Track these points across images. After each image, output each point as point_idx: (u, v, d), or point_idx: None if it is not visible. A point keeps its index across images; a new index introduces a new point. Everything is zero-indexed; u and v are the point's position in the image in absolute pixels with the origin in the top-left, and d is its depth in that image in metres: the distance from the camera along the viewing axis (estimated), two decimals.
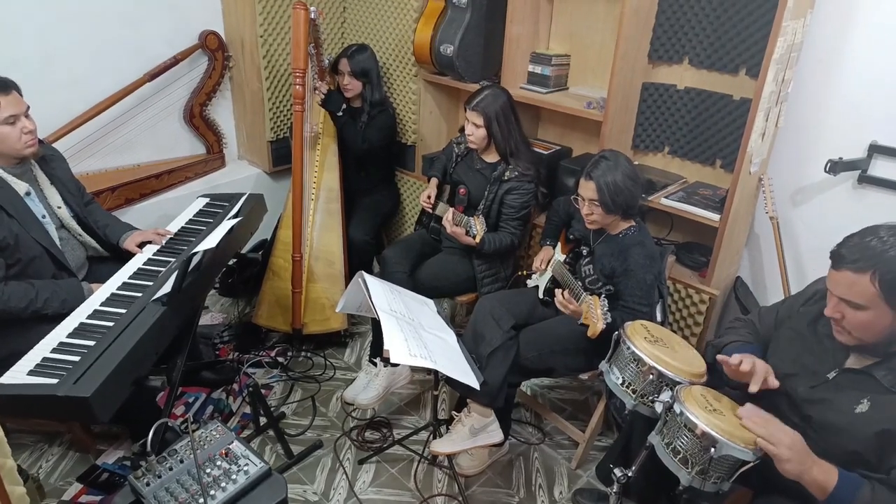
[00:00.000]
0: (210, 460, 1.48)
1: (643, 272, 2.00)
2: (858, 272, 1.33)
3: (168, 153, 3.16)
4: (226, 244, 2.01)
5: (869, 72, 2.15)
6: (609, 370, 1.72)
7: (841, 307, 1.39)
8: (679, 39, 2.40)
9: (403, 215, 3.40)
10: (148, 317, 1.75)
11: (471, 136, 2.43)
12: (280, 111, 3.21)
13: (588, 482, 2.29)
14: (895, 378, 1.37)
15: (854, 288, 1.34)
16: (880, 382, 1.39)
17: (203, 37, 3.01)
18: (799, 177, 2.39)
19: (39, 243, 1.95)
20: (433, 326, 1.97)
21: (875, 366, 1.42)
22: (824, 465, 1.32)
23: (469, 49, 2.77)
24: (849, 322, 1.39)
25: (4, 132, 1.88)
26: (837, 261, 1.38)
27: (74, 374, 1.52)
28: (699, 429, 1.40)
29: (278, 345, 2.88)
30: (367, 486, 2.22)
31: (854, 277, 1.34)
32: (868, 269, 1.32)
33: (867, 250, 1.33)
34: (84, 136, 2.78)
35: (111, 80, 2.79)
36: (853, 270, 1.34)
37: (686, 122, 2.49)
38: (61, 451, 2.27)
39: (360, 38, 3.22)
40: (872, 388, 1.40)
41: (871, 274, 1.32)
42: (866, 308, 1.34)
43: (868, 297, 1.33)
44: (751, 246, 2.59)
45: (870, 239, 1.34)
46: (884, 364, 1.40)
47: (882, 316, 1.34)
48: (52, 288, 1.90)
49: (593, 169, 2.01)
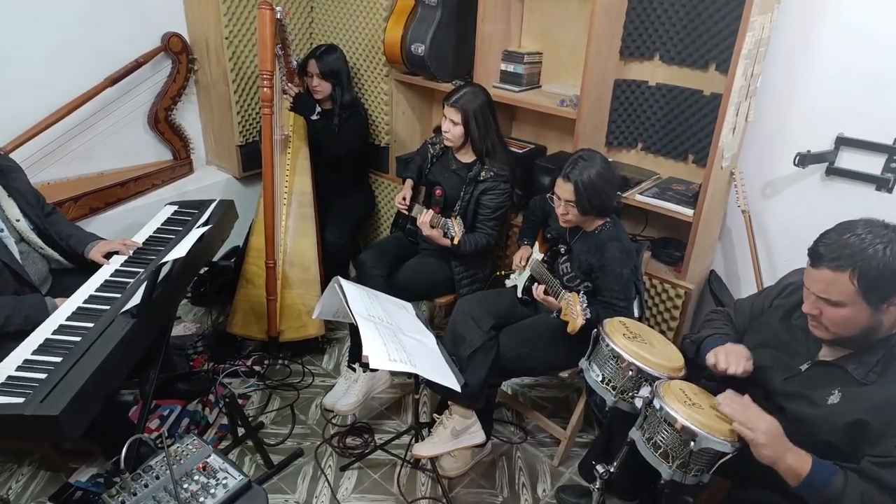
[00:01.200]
0: (187, 475, 1.45)
1: (620, 267, 2.01)
2: (837, 270, 1.34)
3: (133, 160, 3.07)
4: (196, 252, 1.96)
5: (835, 65, 2.19)
6: (589, 368, 1.73)
7: (819, 304, 1.40)
8: (650, 36, 2.42)
9: (379, 218, 3.37)
10: (117, 330, 1.70)
11: (447, 132, 2.42)
12: (248, 114, 3.15)
13: (571, 479, 2.30)
14: (866, 371, 1.40)
15: (833, 286, 1.36)
16: (851, 375, 1.42)
17: (166, 39, 2.93)
18: (769, 170, 2.43)
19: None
20: (412, 330, 1.96)
21: (846, 358, 1.44)
22: (799, 452, 1.35)
23: (441, 48, 2.76)
24: (826, 318, 1.41)
25: None
26: (816, 259, 1.39)
27: (42, 391, 1.47)
28: (679, 423, 1.42)
29: (254, 353, 2.83)
30: (350, 493, 2.19)
31: (833, 276, 1.35)
32: (847, 267, 1.33)
33: (845, 248, 1.34)
34: (43, 144, 2.68)
35: (70, 85, 2.70)
36: (832, 269, 1.35)
37: (658, 118, 2.51)
38: (31, 470, 2.19)
39: (329, 38, 3.17)
40: (844, 380, 1.43)
41: (850, 272, 1.33)
42: (845, 305, 1.36)
43: (847, 294, 1.35)
44: (724, 239, 2.62)
45: (847, 236, 1.35)
46: (855, 357, 1.43)
47: (860, 313, 1.36)
48: (12, 304, 1.83)
49: (571, 169, 2.01)
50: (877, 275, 1.31)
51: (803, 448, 1.37)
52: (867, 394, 1.38)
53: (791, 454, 1.34)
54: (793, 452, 1.34)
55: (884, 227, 1.35)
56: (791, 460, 1.33)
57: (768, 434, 1.33)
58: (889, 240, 1.32)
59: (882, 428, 1.33)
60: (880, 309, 1.35)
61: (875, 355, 1.40)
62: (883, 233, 1.34)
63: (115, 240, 2.15)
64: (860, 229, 1.36)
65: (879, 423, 1.34)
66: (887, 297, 1.33)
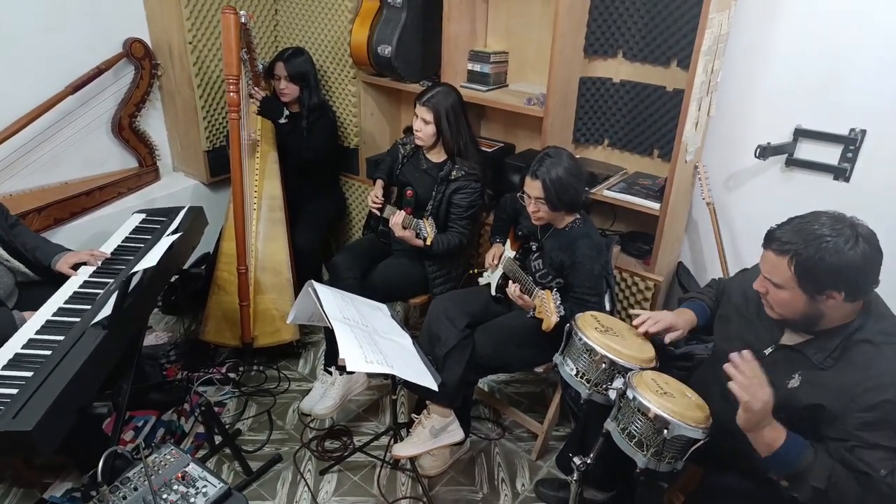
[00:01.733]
0: (166, 485, 1.44)
1: (591, 263, 2.05)
2: (779, 254, 1.42)
3: (98, 168, 3.02)
4: (167, 261, 1.94)
5: (791, 59, 2.26)
6: (563, 362, 1.76)
7: (765, 283, 1.48)
8: (612, 34, 2.46)
9: (350, 220, 3.37)
10: (88, 342, 1.68)
11: (419, 132, 2.43)
12: (215, 119, 3.11)
13: (549, 472, 2.33)
14: (824, 356, 1.45)
15: (775, 268, 1.43)
16: (810, 359, 1.47)
17: (127, 44, 2.88)
18: (731, 163, 2.49)
19: None
20: (388, 331, 1.96)
21: (807, 343, 1.50)
22: (778, 427, 1.38)
23: (407, 49, 2.77)
24: (771, 298, 1.48)
25: None
26: (766, 240, 1.46)
27: (13, 407, 1.44)
28: (652, 412, 1.46)
29: (228, 360, 2.80)
30: (331, 496, 2.19)
31: (775, 258, 1.43)
32: (787, 253, 1.40)
33: (792, 235, 1.40)
34: (3, 155, 2.62)
35: (30, 94, 2.64)
36: (775, 252, 1.43)
37: (623, 114, 2.56)
38: (4, 487, 2.14)
39: (294, 41, 3.16)
40: (804, 364, 1.48)
41: (788, 258, 1.40)
42: (783, 288, 1.43)
43: (784, 278, 1.42)
44: (690, 231, 2.68)
45: (801, 225, 1.41)
46: (814, 343, 1.48)
47: (797, 298, 1.42)
48: None
49: (538, 167, 2.04)
50: (811, 265, 1.37)
51: None
52: (825, 379, 1.43)
53: (769, 428, 1.38)
54: (771, 426, 1.38)
55: (847, 226, 1.38)
56: (767, 433, 1.37)
57: (764, 403, 1.36)
58: (838, 235, 1.35)
59: (839, 411, 1.38)
60: (816, 299, 1.40)
61: (833, 341, 1.45)
62: (838, 228, 1.37)
63: (83, 250, 2.12)
64: (817, 222, 1.40)
65: (836, 406, 1.39)
66: (822, 289, 1.38)
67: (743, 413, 1.37)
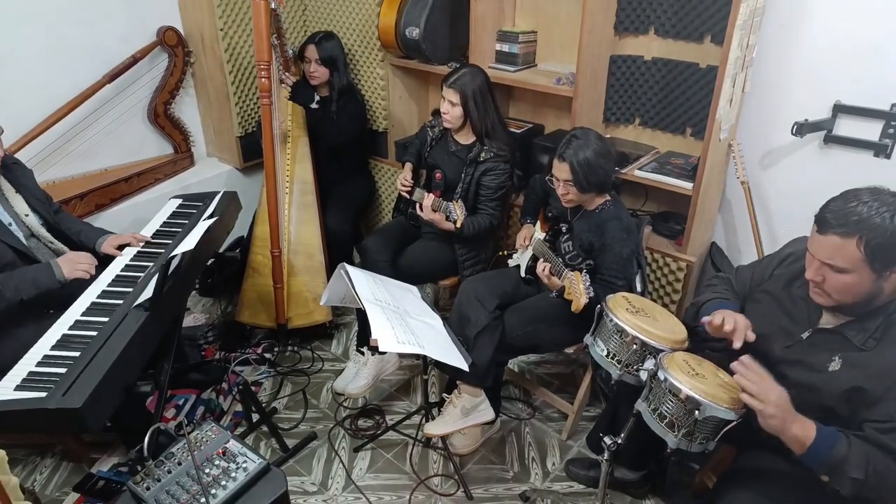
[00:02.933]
0: (208, 460, 1.49)
1: (620, 246, 2.04)
2: (845, 237, 1.36)
3: (135, 155, 3.09)
4: (204, 244, 1.99)
5: (829, 33, 2.19)
6: (594, 343, 1.76)
7: (823, 270, 1.42)
8: (644, 10, 2.41)
9: (380, 203, 3.39)
10: (131, 323, 1.74)
11: (446, 114, 2.43)
12: (247, 105, 3.16)
13: (579, 452, 2.35)
14: (865, 337, 1.42)
15: (839, 252, 1.37)
16: (851, 341, 1.44)
17: (161, 33, 2.93)
18: (767, 140, 2.44)
19: (11, 248, 1.91)
20: (419, 312, 1.99)
21: (847, 325, 1.47)
22: (804, 421, 1.36)
23: (435, 31, 2.76)
24: (829, 285, 1.43)
25: None
26: (823, 225, 1.40)
27: (63, 385, 1.51)
28: (683, 393, 1.45)
29: (264, 341, 2.88)
30: (365, 473, 2.25)
31: (840, 242, 1.37)
32: (854, 233, 1.35)
33: (852, 215, 1.36)
34: (46, 144, 2.70)
35: (69, 85, 2.71)
36: (840, 235, 1.37)
37: (655, 92, 2.52)
38: (54, 462, 2.25)
39: (323, 25, 3.17)
40: (844, 346, 1.46)
41: (857, 239, 1.35)
42: (849, 272, 1.38)
43: (853, 261, 1.36)
44: (724, 211, 2.64)
45: (854, 203, 1.37)
46: (855, 324, 1.45)
47: (863, 279, 1.38)
48: (17, 275, 1.86)
49: (565, 149, 2.02)
50: (883, 241, 1.33)
51: (805, 414, 1.39)
52: (866, 360, 1.41)
53: (797, 424, 1.35)
54: (798, 422, 1.35)
55: (891, 196, 1.37)
56: (796, 430, 1.35)
57: (777, 405, 1.34)
58: (893, 207, 1.33)
59: (881, 393, 1.36)
60: (883, 276, 1.37)
61: (874, 321, 1.43)
62: (890, 200, 1.35)
63: (125, 234, 2.19)
64: (867, 197, 1.37)
65: (878, 388, 1.36)
66: (891, 263, 1.35)
67: (762, 420, 1.36)
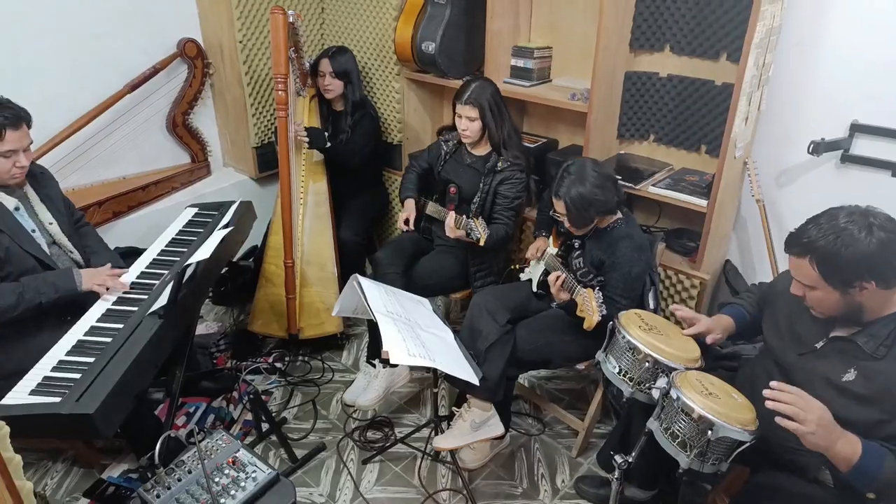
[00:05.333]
0: (218, 469, 1.50)
1: (629, 265, 2.03)
2: (799, 256, 1.42)
3: (153, 164, 3.14)
4: (218, 253, 2.01)
5: (846, 52, 2.18)
6: (605, 360, 1.75)
7: (800, 286, 1.47)
8: (660, 27, 2.42)
9: (393, 215, 3.41)
10: (145, 330, 1.76)
11: (466, 130, 2.44)
12: (263, 116, 3.20)
13: (589, 469, 2.32)
14: (876, 345, 1.42)
15: (801, 270, 1.44)
16: (864, 349, 1.44)
17: (181, 45, 2.99)
18: (783, 159, 2.42)
19: (32, 255, 1.94)
20: (430, 325, 1.99)
21: (858, 333, 1.46)
22: (849, 436, 1.33)
23: (451, 45, 2.78)
24: (809, 299, 1.48)
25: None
26: (786, 245, 1.47)
27: (77, 391, 1.53)
28: (696, 413, 1.44)
29: (275, 351, 2.89)
30: (373, 485, 2.24)
31: (797, 261, 1.44)
32: (805, 254, 1.40)
33: (804, 236, 1.41)
34: (67, 151, 2.75)
35: (91, 94, 2.76)
36: (795, 255, 1.44)
37: (670, 109, 2.52)
38: (65, 467, 2.26)
39: (340, 39, 3.21)
40: (858, 355, 1.45)
41: (808, 258, 1.40)
42: (815, 288, 1.43)
43: (813, 278, 1.41)
44: (738, 229, 2.62)
45: (811, 225, 1.42)
46: (865, 332, 1.45)
47: (829, 295, 1.42)
48: (39, 278, 1.89)
49: (559, 187, 2.02)
50: (831, 261, 1.37)
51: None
52: (881, 369, 1.40)
53: (841, 441, 1.32)
54: (844, 438, 1.32)
55: (859, 216, 1.38)
56: (841, 447, 1.32)
57: (819, 423, 1.31)
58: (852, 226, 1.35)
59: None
60: (849, 292, 1.39)
61: (885, 329, 1.42)
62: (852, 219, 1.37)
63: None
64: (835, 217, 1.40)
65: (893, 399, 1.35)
66: (850, 281, 1.37)
67: (804, 439, 1.33)
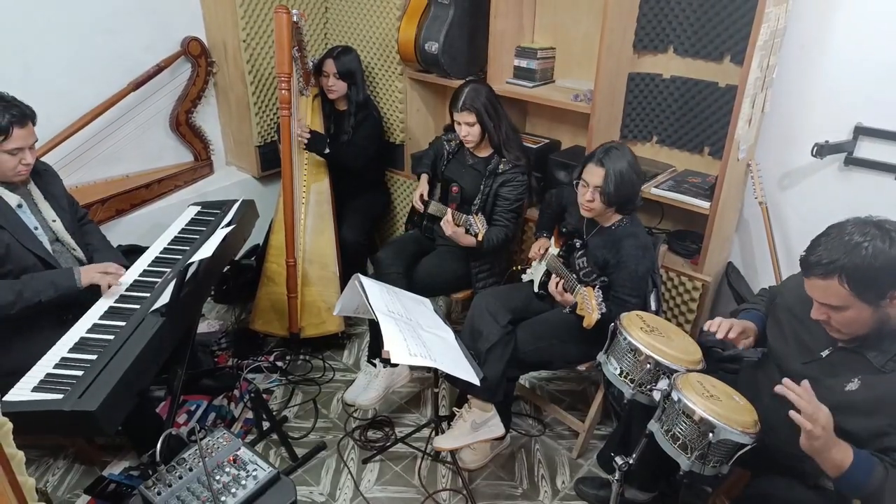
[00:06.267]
0: (219, 467, 1.50)
1: (635, 264, 2.02)
2: (826, 278, 1.37)
3: (155, 162, 3.14)
4: (221, 252, 2.01)
5: (851, 54, 2.17)
6: (607, 361, 1.75)
7: (824, 310, 1.43)
8: (663, 28, 2.42)
9: (395, 215, 3.41)
10: (147, 328, 1.76)
11: (467, 136, 2.45)
12: (266, 115, 3.20)
13: (589, 471, 2.32)
14: (885, 359, 1.40)
15: (828, 292, 1.38)
16: (871, 362, 1.42)
17: (185, 43, 2.99)
18: (786, 161, 2.42)
19: (33, 253, 1.95)
20: (431, 325, 1.99)
21: (866, 346, 1.45)
22: (842, 444, 1.34)
23: (454, 45, 2.78)
24: (835, 321, 1.43)
25: (2, 160, 1.87)
26: (806, 269, 1.42)
27: (79, 388, 1.53)
28: (697, 415, 1.44)
29: (276, 349, 2.89)
30: (373, 485, 2.24)
31: (824, 283, 1.38)
32: (834, 273, 1.36)
33: (830, 254, 1.36)
34: (71, 149, 2.76)
35: (95, 92, 2.77)
36: (821, 277, 1.38)
37: (673, 110, 2.51)
38: (67, 463, 2.27)
39: (344, 38, 3.21)
40: (863, 367, 1.44)
41: (837, 277, 1.35)
42: (847, 308, 1.38)
43: (843, 298, 1.37)
44: (741, 231, 2.62)
45: (831, 241, 1.38)
46: (875, 345, 1.43)
47: (862, 312, 1.38)
48: (38, 277, 1.89)
49: (604, 156, 1.99)
50: (863, 275, 1.33)
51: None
52: (886, 382, 1.39)
53: (836, 448, 1.33)
54: (837, 446, 1.33)
55: (873, 227, 1.36)
56: (835, 453, 1.32)
57: (825, 427, 1.31)
58: (871, 237, 1.33)
59: None
60: (881, 305, 1.36)
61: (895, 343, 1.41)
62: (867, 231, 1.35)
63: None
64: (845, 231, 1.38)
65: None
66: (883, 292, 1.35)
67: (806, 441, 1.33)
